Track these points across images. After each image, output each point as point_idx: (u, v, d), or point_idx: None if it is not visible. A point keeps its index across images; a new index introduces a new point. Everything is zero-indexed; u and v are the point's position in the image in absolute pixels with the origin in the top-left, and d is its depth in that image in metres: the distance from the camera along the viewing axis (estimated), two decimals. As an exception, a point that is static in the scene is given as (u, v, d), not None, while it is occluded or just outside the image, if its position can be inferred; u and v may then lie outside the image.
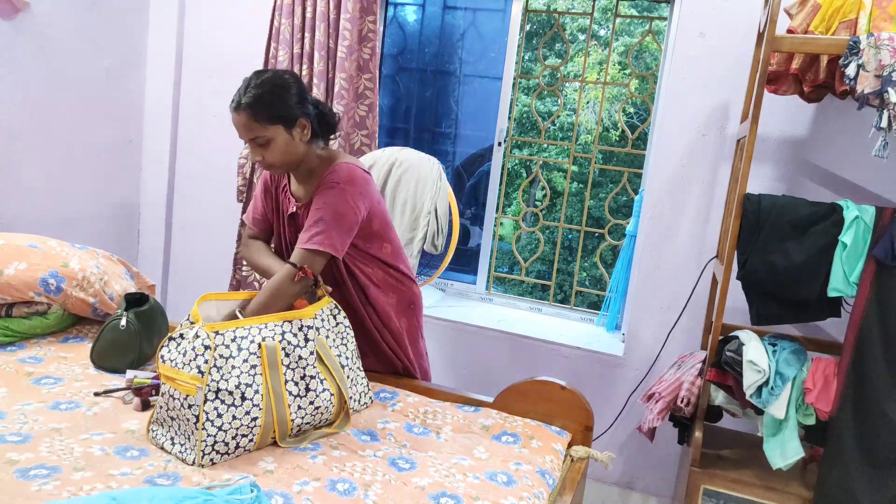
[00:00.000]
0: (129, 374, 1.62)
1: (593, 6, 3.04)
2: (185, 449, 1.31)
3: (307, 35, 2.68)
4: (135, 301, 1.82)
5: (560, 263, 5.00)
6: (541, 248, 3.63)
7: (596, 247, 4.79)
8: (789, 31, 1.90)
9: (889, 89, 1.63)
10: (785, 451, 1.81)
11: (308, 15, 2.66)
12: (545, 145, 5.15)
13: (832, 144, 2.22)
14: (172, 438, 1.34)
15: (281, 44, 2.70)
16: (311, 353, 1.47)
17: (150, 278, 2.25)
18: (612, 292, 2.81)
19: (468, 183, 3.73)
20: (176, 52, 3.03)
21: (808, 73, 1.96)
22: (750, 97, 2.16)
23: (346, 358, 1.59)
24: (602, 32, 5.02)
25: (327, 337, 1.54)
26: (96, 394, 1.54)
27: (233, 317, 1.55)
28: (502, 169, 2.92)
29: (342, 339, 1.59)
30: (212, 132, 3.04)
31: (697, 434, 1.92)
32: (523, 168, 5.15)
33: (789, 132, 2.26)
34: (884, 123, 1.64)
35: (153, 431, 1.38)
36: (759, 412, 1.89)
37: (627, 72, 4.95)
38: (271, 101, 1.55)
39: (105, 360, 1.70)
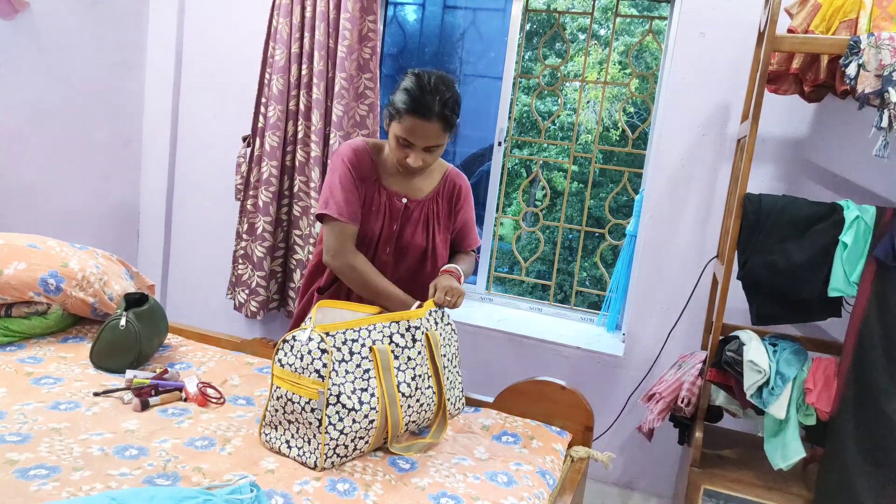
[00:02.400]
0: (129, 373, 1.62)
1: (593, 6, 3.04)
2: (305, 452, 1.33)
3: (307, 35, 2.68)
4: (134, 301, 1.82)
5: (560, 263, 4.99)
6: (541, 248, 3.63)
7: (596, 247, 4.79)
8: (789, 31, 1.90)
9: (889, 89, 1.63)
10: (786, 451, 1.81)
11: (307, 14, 2.66)
12: (545, 145, 5.15)
13: (832, 144, 2.21)
14: (288, 442, 1.36)
15: (280, 43, 2.69)
16: (419, 353, 1.49)
17: (149, 278, 2.25)
18: (613, 292, 2.81)
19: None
20: (176, 52, 3.03)
21: (809, 72, 1.96)
22: (750, 97, 2.16)
23: (448, 360, 1.60)
24: (602, 32, 5.02)
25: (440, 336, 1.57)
26: (96, 394, 1.54)
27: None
28: (502, 169, 2.92)
29: (447, 340, 1.61)
30: (212, 132, 3.04)
31: (698, 434, 1.92)
32: (523, 168, 5.15)
33: (789, 132, 2.26)
34: (884, 123, 1.64)
35: (266, 434, 1.39)
36: (760, 412, 1.89)
37: (627, 71, 4.95)
38: (457, 113, 1.62)
39: (105, 360, 1.70)
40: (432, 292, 1.61)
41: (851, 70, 1.69)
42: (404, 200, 1.72)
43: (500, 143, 2.88)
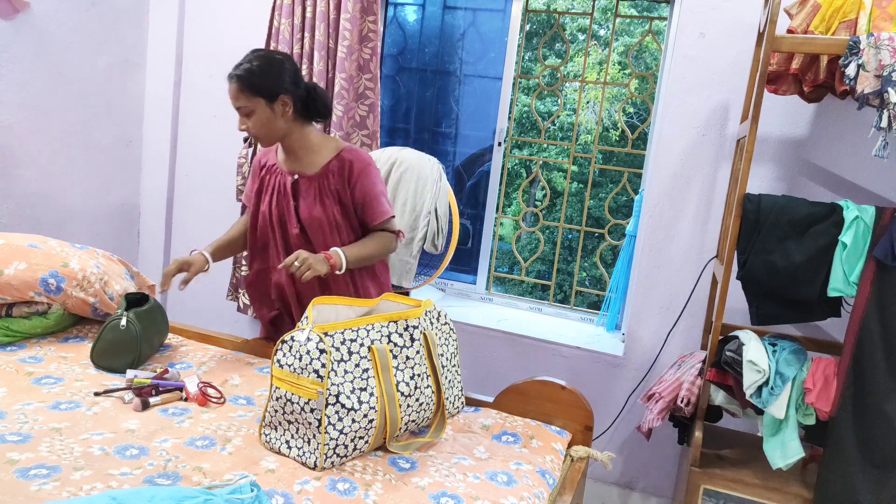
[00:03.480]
0: (129, 373, 1.62)
1: (593, 6, 3.04)
2: (305, 452, 1.33)
3: (307, 35, 2.68)
4: (135, 301, 1.82)
5: (560, 263, 5.00)
6: (541, 248, 3.63)
7: (596, 247, 4.80)
8: (789, 31, 1.90)
9: (889, 89, 1.63)
10: (785, 451, 1.81)
11: (308, 15, 2.66)
12: (545, 145, 5.15)
13: (832, 144, 2.22)
14: (288, 442, 1.36)
15: (280, 44, 2.70)
16: (418, 352, 1.49)
17: (150, 278, 2.25)
18: (612, 292, 2.81)
19: (468, 183, 3.73)
20: (176, 52, 3.03)
21: (808, 73, 1.96)
22: (750, 97, 2.16)
23: (447, 359, 1.61)
24: (602, 32, 5.02)
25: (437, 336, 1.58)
26: (96, 394, 1.54)
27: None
28: (502, 169, 2.92)
29: (444, 339, 1.62)
30: (212, 132, 3.04)
31: (697, 434, 1.92)
32: (523, 168, 5.15)
33: (789, 132, 2.26)
34: (884, 123, 1.64)
35: (266, 435, 1.39)
36: (759, 412, 1.89)
37: (627, 72, 4.95)
38: (257, 75, 1.72)
39: (105, 359, 1.70)
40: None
41: (851, 70, 1.69)
42: (296, 177, 1.83)
43: (499, 144, 2.89)
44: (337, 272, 1.75)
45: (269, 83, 1.72)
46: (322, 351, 1.32)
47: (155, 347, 1.82)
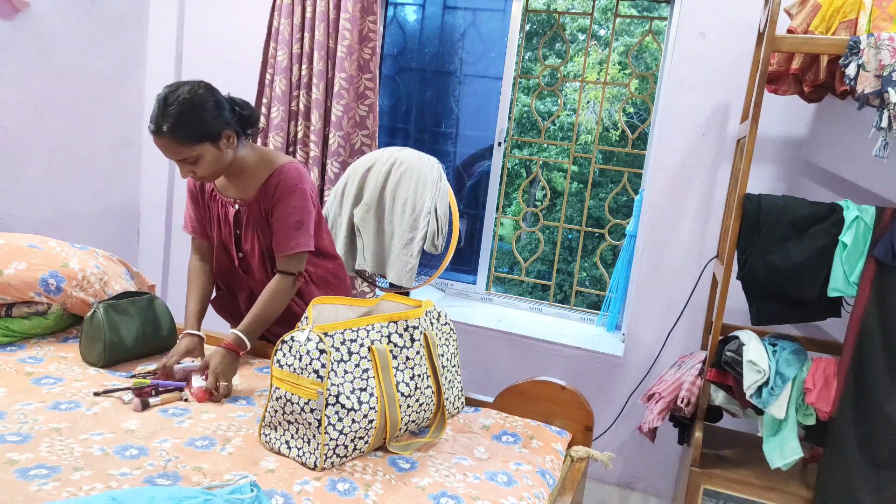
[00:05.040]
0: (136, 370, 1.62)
1: (593, 6, 3.04)
2: (305, 452, 1.33)
3: (307, 35, 2.68)
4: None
5: (560, 263, 5.00)
6: (541, 248, 3.63)
7: (596, 247, 4.80)
8: (789, 31, 1.90)
9: (889, 89, 1.63)
10: (784, 450, 1.81)
11: (308, 15, 2.66)
12: (545, 145, 5.15)
13: (832, 144, 2.22)
14: (288, 442, 1.36)
15: (280, 43, 2.70)
16: (418, 352, 1.49)
17: (150, 278, 2.25)
18: (612, 292, 2.81)
19: (468, 183, 3.73)
20: (176, 52, 3.03)
21: (808, 73, 1.96)
22: (750, 97, 2.16)
23: (447, 360, 1.61)
24: (602, 32, 5.02)
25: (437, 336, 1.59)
26: (96, 394, 1.54)
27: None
28: (502, 169, 2.92)
29: (445, 339, 1.62)
30: (212, 132, 3.04)
31: (697, 434, 1.92)
32: (523, 168, 5.15)
33: (789, 132, 2.26)
34: (884, 123, 1.64)
35: (265, 435, 1.39)
36: (760, 412, 1.89)
37: (627, 72, 4.96)
38: (192, 121, 1.55)
39: (85, 352, 1.73)
40: (203, 367, 1.61)
41: (851, 70, 1.69)
42: (237, 206, 1.75)
43: (500, 144, 2.89)
44: (246, 350, 1.67)
45: (206, 125, 1.57)
46: (322, 351, 1.32)
47: (128, 344, 1.75)
